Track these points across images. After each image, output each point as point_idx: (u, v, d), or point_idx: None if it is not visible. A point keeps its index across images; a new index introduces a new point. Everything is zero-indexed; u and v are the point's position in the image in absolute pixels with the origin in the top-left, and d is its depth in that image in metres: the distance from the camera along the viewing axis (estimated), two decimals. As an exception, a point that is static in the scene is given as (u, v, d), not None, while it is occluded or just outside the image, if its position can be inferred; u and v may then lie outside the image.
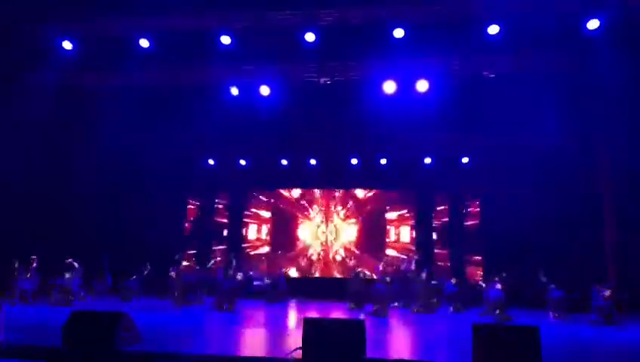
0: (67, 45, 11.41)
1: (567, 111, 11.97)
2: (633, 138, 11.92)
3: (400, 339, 8.42)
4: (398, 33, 10.88)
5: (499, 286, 11.12)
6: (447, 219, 15.51)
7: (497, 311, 10.87)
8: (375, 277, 13.04)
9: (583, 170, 13.13)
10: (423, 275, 11.89)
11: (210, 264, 14.43)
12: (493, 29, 10.67)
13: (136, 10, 10.62)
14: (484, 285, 11.95)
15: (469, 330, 5.63)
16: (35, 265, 11.91)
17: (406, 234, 15.61)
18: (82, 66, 11.96)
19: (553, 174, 13.40)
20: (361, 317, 10.33)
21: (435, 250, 15.34)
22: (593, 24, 10.38)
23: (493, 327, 5.70)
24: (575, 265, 12.03)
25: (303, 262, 15.86)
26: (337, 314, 11.10)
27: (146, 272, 12.88)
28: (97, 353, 5.92)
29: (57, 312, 9.33)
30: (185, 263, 14.15)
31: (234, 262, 12.66)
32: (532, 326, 5.58)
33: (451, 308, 11.72)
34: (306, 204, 16.18)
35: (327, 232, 15.92)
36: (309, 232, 15.99)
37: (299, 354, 5.72)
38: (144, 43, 11.30)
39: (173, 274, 12.26)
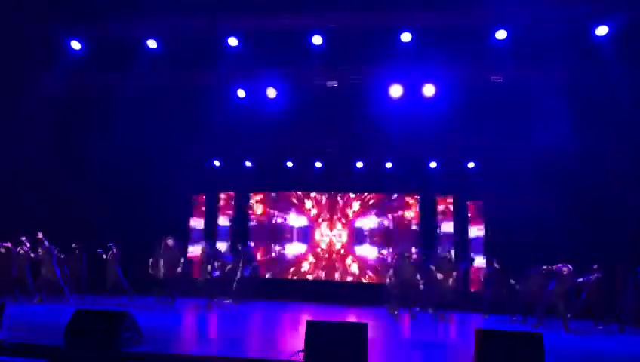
0: (76, 45, 11.50)
1: (574, 116, 11.91)
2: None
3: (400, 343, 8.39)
4: (406, 37, 10.89)
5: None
6: (451, 223, 15.43)
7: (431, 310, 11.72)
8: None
9: (590, 175, 13.03)
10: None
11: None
12: (501, 35, 10.67)
13: (144, 11, 10.69)
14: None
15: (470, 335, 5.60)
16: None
17: (409, 237, 15.56)
18: (91, 67, 12.04)
19: (560, 180, 13.32)
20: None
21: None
22: (602, 30, 10.36)
23: (496, 333, 5.66)
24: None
25: (306, 265, 15.83)
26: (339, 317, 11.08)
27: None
28: (99, 353, 5.93)
29: (60, 311, 9.36)
30: None
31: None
32: (536, 333, 5.56)
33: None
34: (311, 207, 16.16)
35: (331, 235, 15.89)
36: (313, 235, 15.97)
37: (300, 356, 5.71)
38: (152, 44, 11.37)
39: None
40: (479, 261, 14.41)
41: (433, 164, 14.96)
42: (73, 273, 12.73)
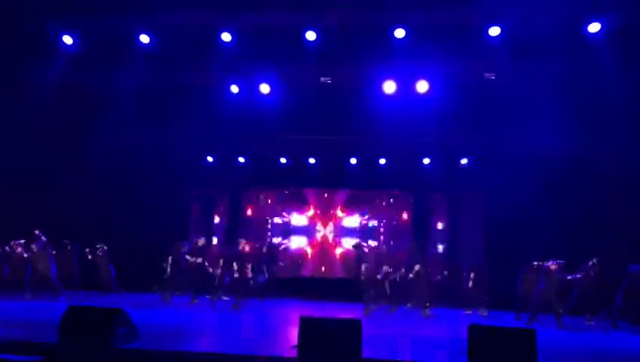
0: (68, 40, 11.40)
1: (567, 113, 11.97)
2: (633, 140, 11.93)
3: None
4: (399, 33, 10.90)
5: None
6: (445, 219, 15.50)
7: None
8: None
9: (584, 172, 13.10)
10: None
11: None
12: (495, 31, 10.70)
13: (137, 7, 10.62)
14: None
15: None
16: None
17: (404, 233, 15.62)
18: (84, 63, 11.97)
19: (553, 176, 13.37)
20: None
21: (433, 250, 15.33)
22: (594, 27, 10.41)
23: (488, 329, 5.71)
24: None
25: (301, 262, 15.84)
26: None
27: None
28: (94, 349, 5.93)
29: (54, 308, 9.33)
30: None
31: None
32: (528, 329, 5.61)
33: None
34: (305, 203, 16.17)
35: (325, 232, 15.91)
36: (308, 231, 15.98)
37: (294, 352, 5.73)
38: (145, 39, 11.31)
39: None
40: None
41: (427, 161, 15.00)
42: (65, 270, 12.69)
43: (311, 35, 11.12)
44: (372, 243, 15.39)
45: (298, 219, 16.12)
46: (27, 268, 11.76)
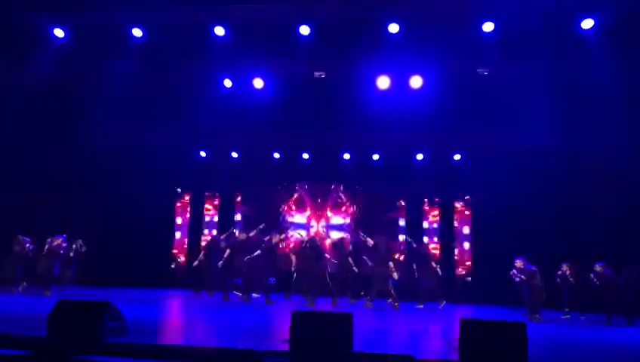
0: (59, 33, 11.29)
1: (559, 109, 11.99)
2: (625, 138, 11.97)
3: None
4: (393, 28, 10.88)
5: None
6: (437, 216, 15.52)
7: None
8: None
9: (574, 169, 13.15)
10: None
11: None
12: (488, 27, 10.70)
13: (129, 1, 10.54)
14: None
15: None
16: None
17: (397, 229, 15.63)
18: (74, 57, 11.87)
19: (544, 173, 13.40)
20: None
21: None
22: (587, 23, 10.43)
23: (479, 323, 5.70)
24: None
25: (294, 257, 15.78)
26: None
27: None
28: (83, 343, 5.88)
29: (42, 301, 9.27)
30: None
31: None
32: (519, 322, 5.60)
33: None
34: (298, 198, 16.13)
35: (318, 227, 15.88)
36: (301, 226, 15.94)
37: (286, 346, 5.70)
38: (137, 33, 11.21)
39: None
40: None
41: (420, 156, 14.99)
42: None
43: (305, 30, 11.07)
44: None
45: (289, 215, 16.07)
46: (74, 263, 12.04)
